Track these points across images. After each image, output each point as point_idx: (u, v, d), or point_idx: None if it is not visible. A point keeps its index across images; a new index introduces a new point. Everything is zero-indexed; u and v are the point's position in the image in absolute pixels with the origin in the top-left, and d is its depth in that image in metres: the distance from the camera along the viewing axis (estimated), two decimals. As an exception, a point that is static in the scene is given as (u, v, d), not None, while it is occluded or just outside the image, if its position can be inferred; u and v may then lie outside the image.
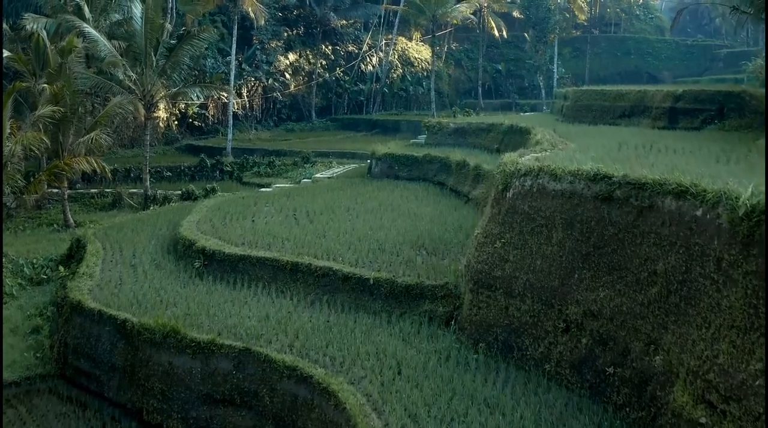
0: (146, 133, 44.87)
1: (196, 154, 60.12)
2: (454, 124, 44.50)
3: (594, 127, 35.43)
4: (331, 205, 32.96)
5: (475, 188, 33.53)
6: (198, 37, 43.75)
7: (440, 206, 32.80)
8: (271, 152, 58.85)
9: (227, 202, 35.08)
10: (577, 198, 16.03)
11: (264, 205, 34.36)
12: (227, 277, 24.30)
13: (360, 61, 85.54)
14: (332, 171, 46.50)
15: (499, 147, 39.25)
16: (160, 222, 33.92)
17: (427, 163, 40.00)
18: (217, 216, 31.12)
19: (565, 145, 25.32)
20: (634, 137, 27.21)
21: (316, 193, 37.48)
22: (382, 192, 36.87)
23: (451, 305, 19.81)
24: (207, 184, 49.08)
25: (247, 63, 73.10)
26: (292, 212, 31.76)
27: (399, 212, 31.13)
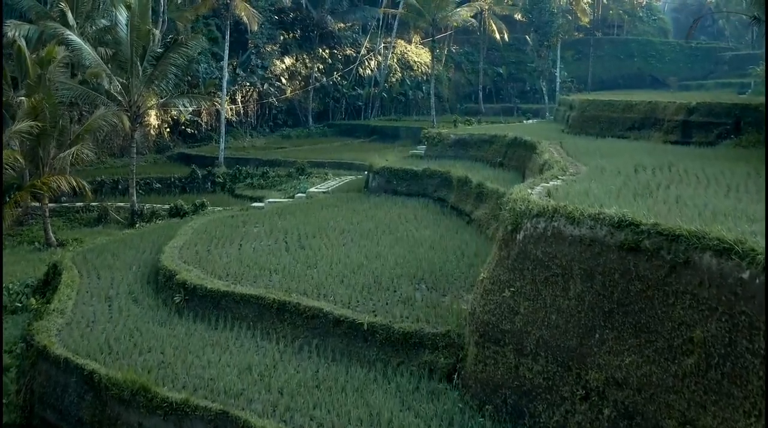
0: (132, 145, 42.88)
1: (188, 164, 58.25)
2: (455, 136, 42.53)
3: (603, 141, 33.50)
4: (325, 227, 31.00)
5: (478, 208, 31.59)
6: (186, 45, 41.76)
7: (441, 228, 30.83)
8: (265, 162, 56.94)
9: (215, 223, 33.10)
10: (598, 246, 14.03)
11: (254, 225, 32.46)
12: (209, 315, 22.28)
13: (358, 64, 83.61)
14: (328, 184, 44.54)
15: (502, 160, 37.48)
16: (143, 244, 32.01)
17: (427, 177, 38.06)
18: (203, 241, 29.17)
19: (576, 167, 23.39)
20: (649, 157, 25.31)
21: (309, 211, 35.55)
22: (379, 210, 34.94)
23: (453, 356, 17.77)
24: (198, 196, 47.29)
25: (242, 68, 71.11)
26: (283, 235, 29.80)
27: (397, 235, 29.17)
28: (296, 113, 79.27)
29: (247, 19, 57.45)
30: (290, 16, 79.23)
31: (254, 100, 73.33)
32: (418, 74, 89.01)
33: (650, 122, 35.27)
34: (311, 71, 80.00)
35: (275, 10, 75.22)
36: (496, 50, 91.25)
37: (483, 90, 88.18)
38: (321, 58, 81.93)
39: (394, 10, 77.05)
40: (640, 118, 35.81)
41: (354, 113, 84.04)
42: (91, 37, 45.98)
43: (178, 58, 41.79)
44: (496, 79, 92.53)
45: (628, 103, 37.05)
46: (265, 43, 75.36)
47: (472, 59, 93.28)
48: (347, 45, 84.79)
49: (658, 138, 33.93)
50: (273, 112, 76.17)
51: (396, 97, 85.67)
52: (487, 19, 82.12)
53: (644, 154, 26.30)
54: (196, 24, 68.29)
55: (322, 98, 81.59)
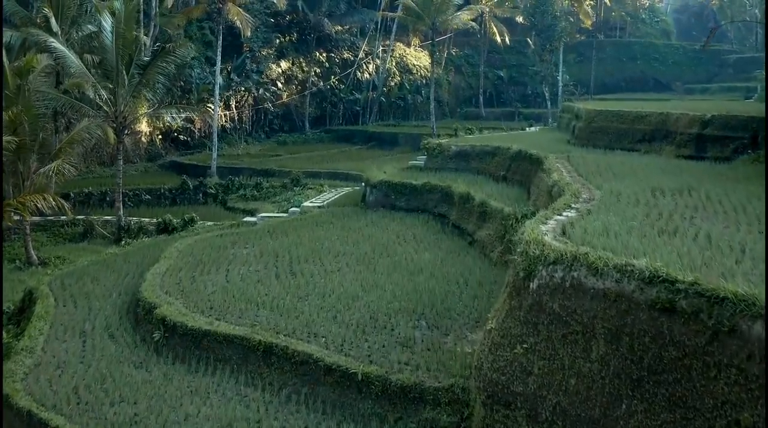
0: (119, 158, 40.93)
1: (180, 173, 56.53)
2: (456, 147, 40.63)
3: (612, 156, 31.69)
4: (318, 249, 29.18)
5: (481, 228, 29.79)
6: (174, 52, 39.78)
7: (441, 250, 29.01)
8: (258, 172, 55.16)
9: (202, 244, 31.23)
10: (625, 302, 12.18)
11: (243, 246, 30.65)
12: (189, 356, 20.40)
13: (356, 68, 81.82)
14: (323, 197, 42.65)
15: (505, 174, 35.69)
16: (126, 266, 30.27)
17: (427, 192, 36.21)
18: (188, 266, 27.32)
19: (588, 191, 21.53)
20: (665, 176, 23.69)
21: (302, 229, 33.71)
22: (377, 229, 33.14)
23: (457, 414, 15.93)
24: (189, 209, 45.57)
25: (236, 72, 69.26)
26: (274, 259, 27.97)
27: (394, 259, 27.37)
28: (293, 118, 77.48)
29: (241, 24, 55.51)
30: (286, 19, 77.38)
31: (249, 105, 71.51)
32: (418, 78, 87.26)
33: (661, 134, 33.53)
34: (308, 75, 78.26)
35: (271, 13, 73.27)
36: (496, 53, 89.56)
37: (483, 94, 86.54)
38: (318, 62, 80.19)
39: (393, 13, 75.19)
40: (651, 130, 34.05)
41: (352, 118, 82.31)
42: (78, 44, 44.14)
43: (166, 67, 39.87)
44: (497, 83, 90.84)
45: (638, 113, 35.24)
46: (260, 47, 73.53)
47: (473, 62, 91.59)
48: (345, 48, 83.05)
49: (670, 151, 32.21)
50: (269, 118, 74.42)
51: (395, 102, 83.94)
52: (487, 21, 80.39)
53: (659, 173, 24.69)
54: (190, 28, 66.51)
55: (319, 103, 79.88)
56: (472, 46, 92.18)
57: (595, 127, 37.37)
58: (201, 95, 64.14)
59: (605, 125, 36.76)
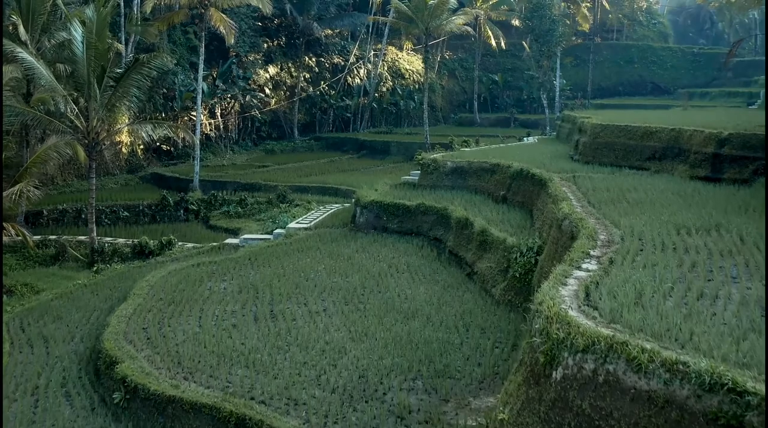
0: (91, 177, 38.20)
1: (162, 185, 53.93)
2: (452, 163, 38.08)
3: (622, 177, 29.34)
4: (302, 283, 26.69)
5: (481, 258, 27.37)
6: (149, 64, 37.05)
7: (438, 284, 26.59)
8: (243, 186, 52.50)
9: (176, 276, 28.58)
10: (677, 411, 9.64)
11: (221, 279, 28.09)
12: (152, 425, 17.80)
13: (346, 73, 79.29)
14: (310, 217, 40.05)
15: (506, 194, 33.33)
16: (93, 301, 27.94)
17: (421, 214, 33.81)
18: (158, 306, 24.70)
19: (605, 229, 19.04)
20: (684, 204, 21.78)
21: (286, 256, 31.24)
22: (367, 256, 30.73)
23: None
24: (168, 227, 43.31)
25: (222, 79, 66.50)
26: (253, 296, 25.44)
27: (386, 296, 24.94)
28: (281, 125, 74.97)
29: (224, 30, 52.79)
30: (274, 22, 74.84)
31: (235, 112, 68.81)
32: (410, 83, 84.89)
33: (673, 152, 31.25)
34: (297, 81, 75.74)
35: (258, 16, 70.66)
36: (491, 56, 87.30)
37: (478, 98, 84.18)
38: (307, 67, 77.70)
39: (384, 17, 72.56)
40: (662, 148, 31.72)
41: (342, 125, 79.82)
42: (50, 52, 41.52)
43: (141, 79, 37.18)
44: (492, 87, 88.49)
45: (648, 129, 32.78)
46: (247, 52, 70.97)
47: (466, 66, 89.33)
48: (335, 53, 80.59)
49: (683, 171, 29.91)
50: (256, 125, 71.81)
51: (386, 108, 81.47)
52: (482, 24, 77.94)
53: (677, 201, 22.58)
54: (173, 32, 63.88)
55: (308, 109, 77.42)
56: (466, 49, 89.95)
57: (600, 143, 35.00)
58: (184, 103, 61.44)
59: (612, 141, 34.41)
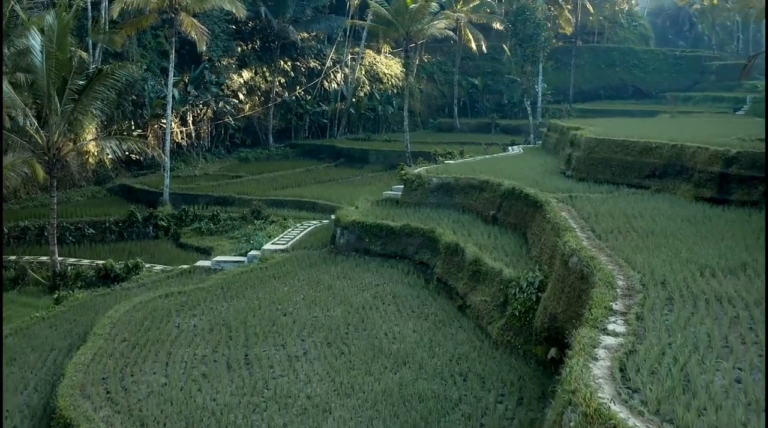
0: (52, 196, 35.59)
1: (131, 198, 51.51)
2: (438, 179, 35.85)
3: (622, 197, 27.43)
4: (279, 320, 24.37)
5: (474, 290, 25.15)
6: (113, 75, 34.53)
7: (428, 319, 24.38)
8: (216, 199, 50.04)
9: (142, 311, 26.09)
10: None
11: (191, 313, 25.74)
12: None
13: (323, 78, 77.01)
14: (287, 236, 37.66)
15: (496, 214, 31.24)
16: (51, 338, 25.56)
17: (406, 236, 31.56)
18: (120, 349, 22.25)
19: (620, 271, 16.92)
20: (703, 239, 19.62)
21: (262, 285, 28.98)
22: (349, 284, 28.52)
23: None
24: (137, 245, 40.99)
25: (194, 85, 63.92)
26: (226, 336, 23.08)
27: (372, 334, 22.74)
28: (255, 131, 72.58)
29: (196, 36, 50.30)
30: (248, 25, 72.32)
31: (208, 119, 66.25)
32: (388, 87, 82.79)
33: (675, 170, 29.36)
34: (272, 85, 73.38)
35: (231, 19, 68.13)
36: (470, 59, 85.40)
37: (457, 103, 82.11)
38: (282, 71, 75.37)
39: (363, 21, 70.22)
40: (663, 165, 29.80)
41: (318, 131, 77.53)
42: (9, 61, 38.90)
43: (105, 91, 34.63)
44: (471, 91, 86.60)
45: (647, 145, 30.82)
46: (220, 56, 68.44)
47: (445, 69, 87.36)
48: (311, 56, 78.31)
49: (686, 191, 27.98)
50: (229, 132, 69.29)
51: (364, 113, 79.32)
52: (462, 28, 75.82)
53: (690, 231, 20.87)
54: (144, 36, 61.32)
55: (283, 115, 75.08)
56: (445, 52, 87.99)
57: (595, 159, 33.04)
58: (155, 110, 58.87)
59: (608, 157, 32.46)
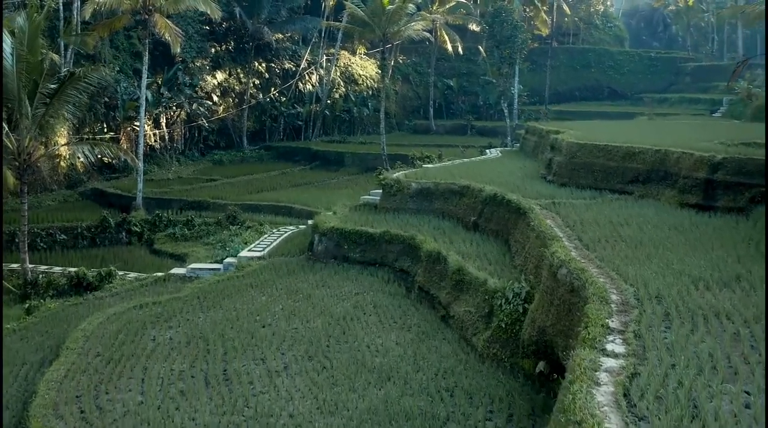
0: (23, 202, 34.69)
1: (103, 203, 50.54)
2: (417, 184, 35.23)
3: (606, 203, 27.03)
4: (258, 332, 23.70)
5: (457, 299, 24.58)
6: (85, 78, 33.63)
7: (411, 330, 23.79)
8: (190, 204, 49.11)
9: (117, 323, 25.29)
10: None
11: (167, 325, 25.02)
12: None
13: (298, 79, 76.22)
14: (263, 242, 36.96)
15: (477, 221, 30.73)
16: (23, 351, 24.96)
17: (386, 243, 30.97)
18: (94, 364, 21.48)
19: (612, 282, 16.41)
20: (693, 249, 19.15)
21: (239, 294, 28.26)
22: (328, 293, 27.93)
23: None
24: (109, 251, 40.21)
25: (167, 86, 62.94)
26: (204, 350, 22.35)
27: (353, 347, 22.13)
28: (229, 134, 71.68)
29: (170, 38, 49.43)
30: (222, 26, 71.38)
31: (182, 121, 65.27)
32: (363, 89, 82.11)
33: (659, 176, 28.97)
34: (246, 87, 72.48)
35: (205, 20, 67.16)
36: (445, 60, 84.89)
37: (433, 104, 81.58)
38: (257, 73, 74.56)
39: (338, 22, 69.47)
40: (646, 170, 29.44)
41: (293, 133, 76.74)
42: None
43: (77, 94, 33.76)
44: (447, 93, 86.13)
45: (630, 150, 30.44)
46: (194, 58, 67.44)
47: (420, 71, 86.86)
48: (286, 58, 77.47)
49: (671, 197, 27.57)
50: (203, 134, 68.33)
51: (339, 115, 78.61)
52: (438, 29, 75.25)
53: (678, 238, 20.47)
54: (116, 37, 60.28)
55: (258, 117, 74.21)
56: (420, 53, 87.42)
57: (577, 163, 32.57)
58: (128, 112, 57.89)
59: (590, 161, 32.01)
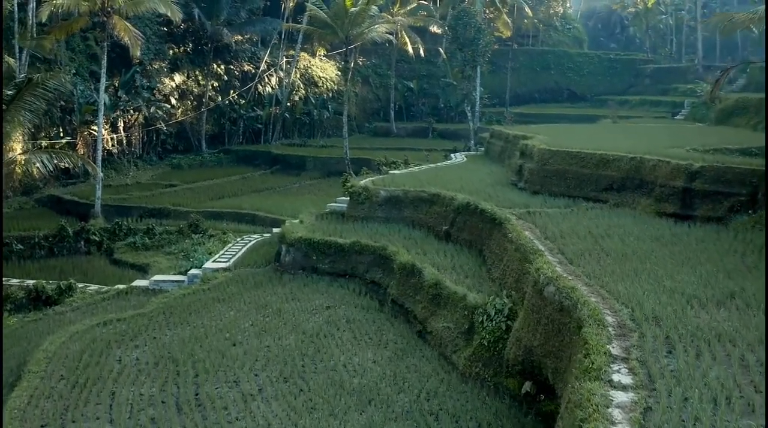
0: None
1: (60, 210, 49.13)
2: (386, 192, 34.49)
3: (581, 211, 27.01)
4: (230, 352, 22.82)
5: (435, 315, 23.96)
6: (45, 84, 32.35)
7: (388, 348, 23.16)
8: (150, 211, 47.78)
9: (80, 342, 24.18)
10: None
11: (133, 343, 24.02)
12: None
13: (257, 81, 75.03)
14: (228, 252, 35.97)
15: (449, 230, 30.30)
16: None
17: (356, 253, 30.28)
18: (59, 389, 20.40)
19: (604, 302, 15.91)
20: (679, 264, 18.86)
21: (206, 310, 27.43)
22: (298, 306, 27.25)
23: None
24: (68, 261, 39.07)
25: (124, 89, 61.43)
26: (174, 372, 21.42)
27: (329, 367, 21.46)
28: (187, 137, 70.30)
29: (129, 41, 48.14)
30: (180, 27, 69.83)
31: (139, 125, 63.81)
32: (324, 91, 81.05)
33: (634, 184, 28.81)
34: (204, 89, 71.13)
35: (163, 21, 65.69)
36: (405, 62, 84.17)
37: (393, 107, 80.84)
38: (215, 75, 73.24)
39: (299, 25, 68.36)
40: (621, 178, 29.25)
41: (252, 136, 75.51)
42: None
43: (34, 101, 32.44)
44: (407, 95, 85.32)
45: (604, 157, 30.13)
46: (151, 60, 65.91)
47: (380, 72, 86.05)
48: (245, 60, 76.22)
49: (647, 205, 27.42)
50: (161, 138, 66.81)
51: (299, 118, 77.45)
52: (399, 31, 74.44)
53: (662, 251, 20.25)
54: (72, 39, 58.70)
55: (216, 119, 72.85)
56: (380, 55, 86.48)
57: (550, 171, 32.11)
58: (84, 116, 56.38)
59: (562, 168, 31.60)
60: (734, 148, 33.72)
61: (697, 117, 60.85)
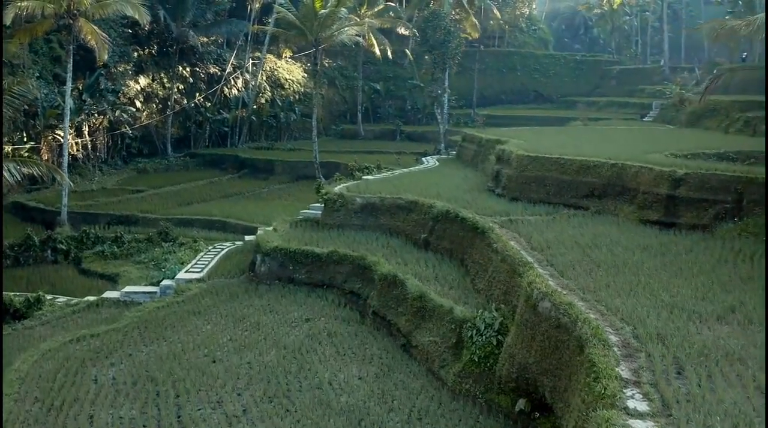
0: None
1: (26, 218, 48.01)
2: (361, 198, 33.82)
3: (563, 219, 26.86)
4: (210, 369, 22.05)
5: (420, 328, 23.30)
6: (11, 91, 31.36)
7: (373, 364, 22.47)
8: (118, 219, 46.71)
9: (53, 361, 23.25)
10: None
11: (108, 361, 23.20)
12: None
13: (223, 84, 74.04)
14: (201, 261, 35.07)
15: (428, 238, 29.70)
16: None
17: (334, 263, 29.56)
18: (35, 413, 19.46)
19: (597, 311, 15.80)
20: (673, 275, 18.54)
21: (181, 324, 26.61)
22: (277, 319, 26.64)
23: None
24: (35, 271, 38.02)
25: (89, 92, 60.10)
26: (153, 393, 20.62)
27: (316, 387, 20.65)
28: (153, 141, 69.07)
29: (96, 44, 47.04)
30: (145, 29, 68.47)
31: (104, 129, 62.50)
32: (290, 93, 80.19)
33: (616, 190, 28.44)
34: (170, 92, 70.00)
35: (128, 23, 64.40)
36: (372, 64, 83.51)
37: (360, 109, 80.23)
38: (181, 78, 72.09)
39: (266, 27, 67.47)
40: (602, 184, 28.87)
41: (219, 139, 74.52)
42: None
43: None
44: (373, 97, 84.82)
45: (584, 163, 29.71)
46: (116, 62, 64.59)
47: (347, 74, 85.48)
48: (211, 62, 75.07)
49: (629, 213, 27.08)
50: (126, 141, 65.44)
51: (266, 121, 76.53)
52: (366, 32, 73.71)
53: (653, 261, 20.00)
54: (35, 41, 57.37)
55: (182, 123, 71.80)
56: (346, 56, 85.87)
57: (529, 177, 31.64)
58: (48, 120, 55.13)
59: (542, 175, 31.14)
60: (711, 153, 33.52)
61: (666, 119, 60.82)
